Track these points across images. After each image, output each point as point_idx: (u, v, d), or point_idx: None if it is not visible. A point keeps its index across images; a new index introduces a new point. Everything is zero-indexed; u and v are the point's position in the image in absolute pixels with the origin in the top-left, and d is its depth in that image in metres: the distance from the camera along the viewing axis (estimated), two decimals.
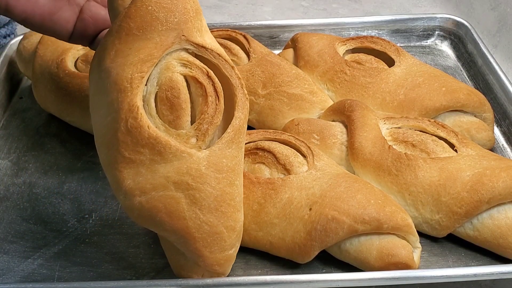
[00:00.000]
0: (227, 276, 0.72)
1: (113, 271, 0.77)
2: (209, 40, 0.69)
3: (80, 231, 0.83)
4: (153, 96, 0.66)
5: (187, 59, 0.67)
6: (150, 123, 0.64)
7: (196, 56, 0.68)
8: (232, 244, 0.70)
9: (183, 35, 0.66)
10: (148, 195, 0.64)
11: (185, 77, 0.67)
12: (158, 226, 0.66)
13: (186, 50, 0.67)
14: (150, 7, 0.64)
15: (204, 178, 0.65)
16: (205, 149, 0.66)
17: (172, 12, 0.65)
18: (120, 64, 0.64)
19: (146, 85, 0.65)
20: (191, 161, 0.64)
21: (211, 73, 0.67)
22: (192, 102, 0.67)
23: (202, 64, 0.67)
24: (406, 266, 0.73)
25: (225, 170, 0.66)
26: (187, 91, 0.67)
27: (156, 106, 0.66)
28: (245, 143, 0.83)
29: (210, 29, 1.06)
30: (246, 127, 0.70)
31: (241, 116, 0.68)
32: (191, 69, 0.67)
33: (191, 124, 0.67)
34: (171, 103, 0.65)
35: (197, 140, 0.66)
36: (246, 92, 0.70)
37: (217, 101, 0.67)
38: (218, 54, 0.68)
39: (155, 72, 0.65)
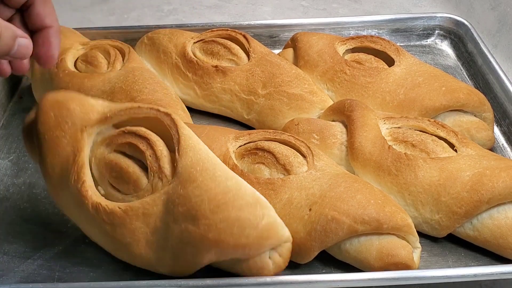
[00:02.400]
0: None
1: (113, 271, 0.77)
2: (105, 105, 0.75)
3: (80, 231, 0.83)
4: (111, 189, 0.73)
5: (106, 136, 0.74)
6: (117, 208, 0.70)
7: (114, 125, 0.75)
8: (261, 213, 0.68)
9: (85, 126, 0.74)
10: (168, 247, 0.70)
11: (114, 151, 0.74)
12: (196, 259, 0.69)
13: (100, 133, 0.75)
14: (53, 113, 0.74)
15: (187, 197, 0.68)
16: (172, 178, 0.70)
17: (69, 116, 0.74)
18: (66, 181, 0.73)
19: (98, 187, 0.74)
20: (169, 196, 0.69)
21: (127, 128, 0.73)
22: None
23: (116, 129, 0.74)
24: (406, 266, 0.73)
25: (198, 175, 0.69)
26: (125, 158, 0.73)
27: (106, 189, 0.74)
28: (245, 143, 0.84)
29: (210, 29, 1.08)
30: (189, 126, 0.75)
31: (183, 126, 0.72)
32: (112, 144, 0.74)
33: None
34: (121, 177, 0.72)
35: (161, 180, 0.71)
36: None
37: (148, 144, 0.72)
38: (126, 108, 0.74)
39: (95, 170, 0.73)
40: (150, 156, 0.72)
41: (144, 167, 0.72)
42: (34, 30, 0.74)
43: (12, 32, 0.65)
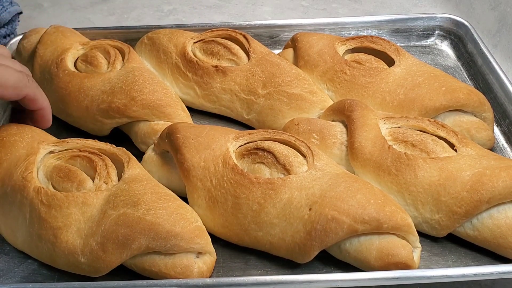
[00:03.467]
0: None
1: (113, 271, 0.77)
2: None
3: None
4: (52, 189, 0.78)
5: (58, 156, 0.83)
6: (59, 192, 0.77)
7: (62, 150, 0.85)
8: (196, 218, 0.77)
9: (43, 141, 0.84)
10: (99, 232, 0.73)
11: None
12: (126, 242, 0.71)
13: (53, 151, 0.84)
14: (5, 138, 0.85)
15: (131, 191, 0.76)
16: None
17: (30, 132, 0.87)
18: (9, 175, 0.80)
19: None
20: (113, 192, 0.77)
21: (82, 147, 0.84)
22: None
23: (70, 149, 0.84)
24: (406, 266, 0.73)
25: (142, 178, 0.79)
26: (73, 165, 0.82)
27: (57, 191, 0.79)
28: (245, 143, 0.84)
29: (210, 29, 1.08)
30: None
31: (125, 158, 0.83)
32: (64, 157, 0.83)
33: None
34: (67, 176, 0.79)
35: (106, 184, 0.79)
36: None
37: (100, 156, 0.82)
38: (76, 141, 0.85)
39: (40, 174, 0.80)
40: (100, 166, 0.80)
41: (92, 178, 0.80)
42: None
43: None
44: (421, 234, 0.80)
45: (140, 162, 0.90)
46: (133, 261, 0.74)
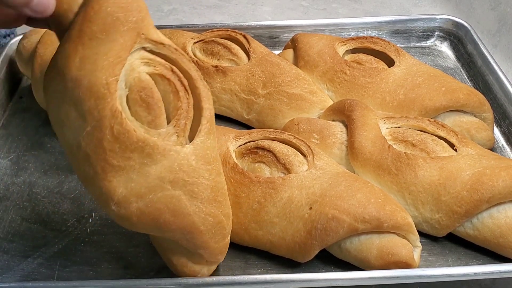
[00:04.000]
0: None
1: (113, 270, 0.77)
2: (163, 36, 0.67)
3: (79, 230, 0.83)
4: (124, 100, 0.64)
5: (148, 58, 0.65)
6: (135, 127, 0.63)
7: (154, 53, 0.67)
8: (229, 231, 0.72)
9: (143, 34, 0.64)
10: (146, 199, 0.64)
11: (150, 75, 0.65)
12: (163, 227, 0.65)
13: (145, 48, 0.65)
14: (109, 9, 0.62)
15: (197, 171, 0.65)
16: (186, 144, 0.65)
17: (130, 11, 0.63)
18: (91, 70, 0.61)
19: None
20: (181, 158, 0.64)
21: (175, 68, 0.66)
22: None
23: (163, 60, 0.66)
24: (406, 265, 0.73)
25: (212, 161, 0.67)
26: (158, 90, 0.65)
27: (130, 108, 0.64)
28: (245, 143, 0.84)
29: (210, 29, 1.08)
30: (214, 116, 0.69)
31: (209, 107, 0.68)
32: (155, 67, 0.65)
33: (167, 122, 0.66)
34: (147, 104, 0.64)
35: (177, 137, 0.65)
36: (205, 82, 0.70)
37: (187, 96, 0.66)
38: (175, 49, 0.67)
39: (121, 74, 0.63)
40: (183, 111, 0.65)
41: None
42: None
43: None
44: (421, 234, 0.80)
45: None
46: (156, 239, 0.71)
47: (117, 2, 0.62)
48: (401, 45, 1.20)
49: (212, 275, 0.76)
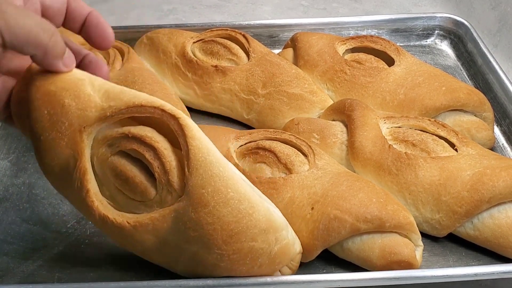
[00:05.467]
0: None
1: (113, 272, 0.77)
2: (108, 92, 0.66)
3: (80, 232, 0.83)
4: (116, 193, 0.67)
5: (106, 137, 0.67)
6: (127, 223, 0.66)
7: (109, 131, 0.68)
8: (274, 240, 0.67)
9: (84, 126, 0.65)
10: (180, 263, 0.68)
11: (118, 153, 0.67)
12: (206, 274, 0.69)
13: (99, 131, 0.67)
14: (46, 111, 0.65)
15: (199, 222, 0.64)
16: (181, 195, 0.64)
17: (65, 114, 0.65)
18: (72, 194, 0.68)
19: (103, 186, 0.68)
20: (181, 216, 0.64)
21: (137, 136, 0.66)
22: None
23: (122, 130, 0.67)
24: (408, 264, 0.73)
25: (209, 200, 0.63)
26: (131, 165, 0.66)
27: (119, 198, 0.68)
28: (246, 143, 0.83)
29: (210, 29, 1.08)
30: (203, 135, 0.66)
31: (194, 143, 0.64)
32: (117, 146, 0.67)
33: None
34: (127, 184, 0.66)
35: (170, 194, 0.65)
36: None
37: (161, 160, 0.65)
38: (122, 109, 0.65)
39: (98, 169, 0.67)
40: (158, 167, 0.65)
41: (151, 173, 0.67)
42: (78, 26, 0.70)
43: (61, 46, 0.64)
44: (422, 234, 0.79)
45: None
46: None
47: (51, 107, 0.65)
48: (401, 44, 1.20)
49: None
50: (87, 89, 0.65)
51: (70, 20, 0.70)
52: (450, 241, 0.81)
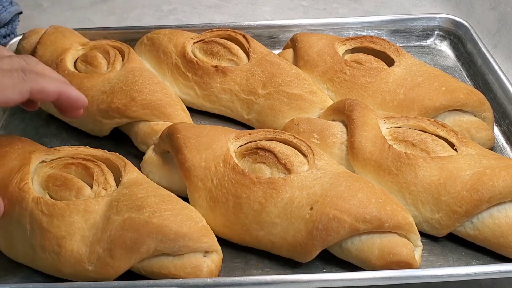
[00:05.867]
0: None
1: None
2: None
3: None
4: (47, 196, 0.78)
5: (50, 164, 0.82)
6: (59, 201, 0.75)
7: (54, 159, 0.83)
8: (200, 217, 0.76)
9: (34, 152, 0.82)
10: (104, 238, 0.73)
11: (60, 170, 0.81)
12: (134, 247, 0.71)
13: (45, 161, 0.82)
14: (5, 138, 0.87)
15: (132, 194, 0.76)
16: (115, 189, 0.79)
17: (16, 144, 0.86)
18: (4, 186, 0.78)
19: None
20: (116, 196, 0.76)
21: (79, 155, 0.83)
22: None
23: (65, 156, 0.83)
24: (407, 265, 0.73)
25: (144, 182, 0.79)
26: (69, 173, 0.80)
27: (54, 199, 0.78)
28: (246, 143, 0.84)
29: (209, 29, 1.08)
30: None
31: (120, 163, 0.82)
32: (58, 164, 0.81)
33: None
34: (64, 184, 0.78)
35: (105, 189, 0.78)
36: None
37: (95, 163, 0.81)
38: (69, 147, 0.85)
39: (35, 185, 0.79)
40: (96, 172, 0.79)
41: (89, 184, 0.79)
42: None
43: None
44: (422, 234, 0.80)
45: (140, 162, 0.90)
46: (141, 265, 0.74)
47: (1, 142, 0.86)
48: (401, 45, 1.20)
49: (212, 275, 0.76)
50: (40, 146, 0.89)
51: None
52: (450, 241, 0.81)
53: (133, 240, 0.71)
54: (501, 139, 0.99)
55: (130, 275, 0.75)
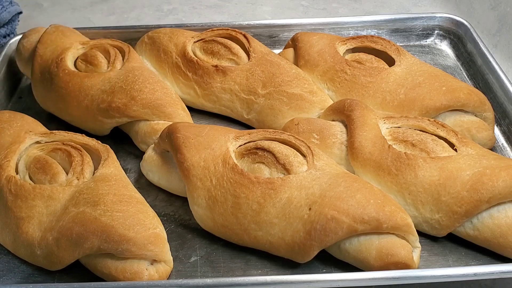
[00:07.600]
0: None
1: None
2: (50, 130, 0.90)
3: None
4: (27, 177, 0.81)
5: (42, 146, 0.86)
6: (27, 183, 0.79)
7: (49, 142, 0.87)
8: (154, 224, 0.75)
9: (30, 131, 0.87)
10: (57, 227, 0.74)
11: (46, 153, 0.84)
12: (79, 240, 0.72)
13: (39, 142, 0.86)
14: (8, 114, 0.92)
15: (96, 189, 0.77)
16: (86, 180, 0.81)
17: (14, 121, 0.90)
18: None
19: (17, 173, 0.82)
20: (80, 188, 0.78)
21: (68, 141, 0.86)
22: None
23: (56, 141, 0.86)
24: (405, 266, 0.73)
25: (112, 179, 0.80)
26: (54, 160, 0.83)
27: (32, 180, 0.81)
28: (245, 143, 0.84)
29: (210, 29, 1.08)
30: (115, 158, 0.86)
31: (108, 156, 0.85)
32: (47, 148, 0.85)
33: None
34: (43, 168, 0.81)
35: (78, 179, 0.80)
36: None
37: (80, 152, 0.83)
38: (65, 132, 0.88)
39: (21, 162, 0.83)
40: (76, 161, 0.82)
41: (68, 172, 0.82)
42: None
43: None
44: (421, 234, 0.80)
45: (140, 162, 0.90)
46: (86, 260, 0.75)
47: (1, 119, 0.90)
48: (401, 44, 1.20)
49: (213, 276, 0.76)
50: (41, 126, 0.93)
51: None
52: (450, 241, 0.81)
53: (78, 234, 0.72)
54: (501, 139, 0.99)
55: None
